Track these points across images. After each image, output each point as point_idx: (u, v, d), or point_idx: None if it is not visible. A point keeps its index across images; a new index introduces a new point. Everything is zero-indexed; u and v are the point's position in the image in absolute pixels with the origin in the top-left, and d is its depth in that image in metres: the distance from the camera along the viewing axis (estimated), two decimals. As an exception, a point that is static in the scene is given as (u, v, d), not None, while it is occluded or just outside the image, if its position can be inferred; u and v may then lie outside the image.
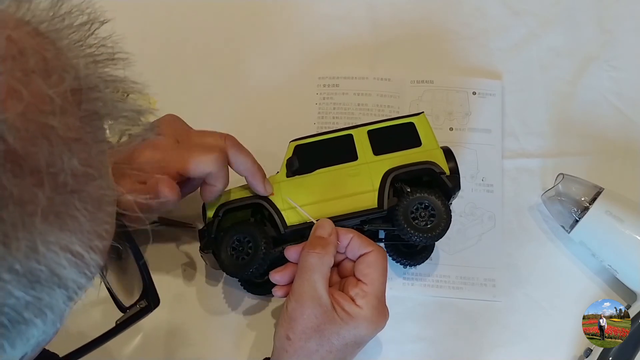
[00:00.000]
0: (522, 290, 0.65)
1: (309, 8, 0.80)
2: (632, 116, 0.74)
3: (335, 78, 0.76)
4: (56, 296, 0.26)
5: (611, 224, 0.61)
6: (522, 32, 0.78)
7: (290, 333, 0.51)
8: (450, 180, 0.60)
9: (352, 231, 0.54)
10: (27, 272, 0.24)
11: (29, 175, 0.24)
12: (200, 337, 0.63)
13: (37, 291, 0.25)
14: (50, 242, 0.25)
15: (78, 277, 0.26)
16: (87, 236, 0.26)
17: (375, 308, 0.50)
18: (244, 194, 0.60)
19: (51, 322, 0.27)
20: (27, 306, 0.25)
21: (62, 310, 0.27)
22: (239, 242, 0.58)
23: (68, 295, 0.26)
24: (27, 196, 0.24)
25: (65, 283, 0.26)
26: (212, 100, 0.75)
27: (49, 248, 0.25)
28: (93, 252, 0.27)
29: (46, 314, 0.26)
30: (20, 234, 0.23)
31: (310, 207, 0.58)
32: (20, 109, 0.24)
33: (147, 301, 0.40)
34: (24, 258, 0.24)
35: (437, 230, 0.58)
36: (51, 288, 0.25)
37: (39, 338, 0.27)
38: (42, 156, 0.24)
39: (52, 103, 0.25)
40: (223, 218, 0.59)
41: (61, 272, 0.25)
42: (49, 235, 0.24)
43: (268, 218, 0.59)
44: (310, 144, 0.61)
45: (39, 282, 0.25)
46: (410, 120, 0.62)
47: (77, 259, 0.26)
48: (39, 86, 0.25)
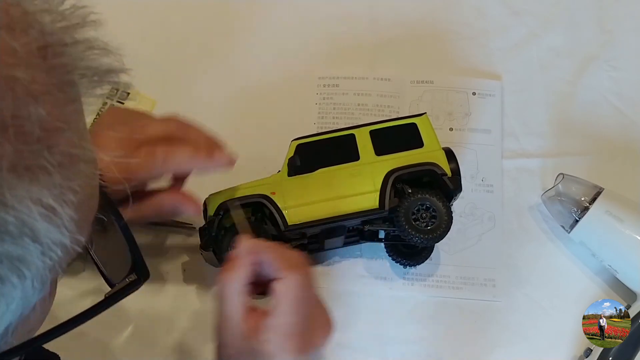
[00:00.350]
0: (522, 290, 0.65)
1: (309, 8, 0.80)
2: (632, 116, 0.74)
3: (335, 78, 0.76)
4: (30, 250, 0.25)
5: (611, 224, 0.61)
6: (522, 32, 0.79)
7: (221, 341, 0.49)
8: (451, 182, 0.60)
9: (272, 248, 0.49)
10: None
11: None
12: (201, 337, 0.63)
13: (7, 243, 0.24)
14: (20, 194, 0.24)
15: (51, 230, 0.26)
16: (59, 190, 0.26)
17: (281, 345, 0.45)
18: (245, 193, 0.60)
19: (30, 284, 0.26)
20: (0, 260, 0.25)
21: (40, 270, 0.26)
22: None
23: (42, 250, 0.26)
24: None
25: (38, 236, 0.25)
26: (212, 100, 0.74)
27: (19, 200, 0.24)
28: (66, 205, 0.26)
29: (22, 271, 0.26)
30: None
31: (311, 206, 0.58)
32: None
33: (136, 274, 0.39)
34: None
35: (438, 232, 0.58)
36: (23, 240, 0.25)
37: (20, 302, 0.27)
38: (7, 106, 0.24)
39: (16, 55, 0.25)
40: (223, 217, 0.59)
41: (33, 225, 0.25)
42: (17, 187, 0.24)
43: (269, 217, 0.59)
44: (312, 143, 0.61)
45: (8, 234, 0.24)
46: (412, 121, 0.62)
47: (49, 212, 0.25)
48: (2, 39, 0.25)
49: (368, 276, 0.65)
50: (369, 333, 0.63)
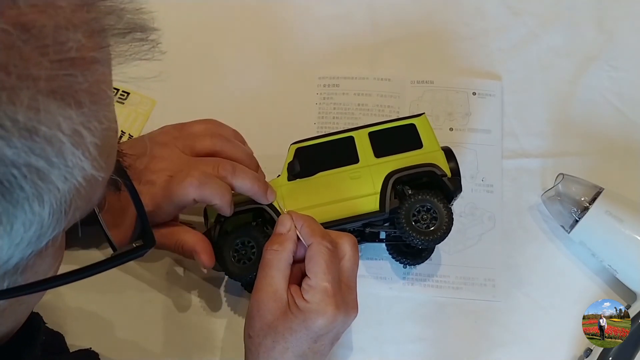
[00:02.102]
0: (522, 290, 0.65)
1: (309, 8, 0.80)
2: (632, 116, 0.74)
3: (335, 78, 0.76)
4: (54, 169, 0.26)
5: (611, 224, 0.61)
6: (522, 32, 0.79)
7: (250, 331, 0.51)
8: (451, 183, 0.60)
9: (305, 219, 0.53)
10: (29, 127, 0.25)
11: (36, 40, 0.25)
12: (202, 340, 0.63)
13: (35, 154, 0.26)
14: (51, 111, 0.26)
15: (77, 154, 0.27)
16: (87, 118, 0.27)
17: (322, 300, 0.49)
18: (246, 198, 0.59)
19: (48, 209, 0.27)
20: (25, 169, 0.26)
21: (60, 197, 0.27)
22: (242, 246, 0.58)
23: (66, 174, 0.27)
24: (33, 61, 0.25)
25: (64, 155, 0.26)
26: (212, 100, 0.75)
27: (50, 115, 0.26)
28: (91, 132, 0.27)
29: (43, 191, 0.27)
30: (24, 89, 0.25)
31: (312, 210, 0.58)
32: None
33: (143, 240, 0.39)
34: (25, 114, 0.25)
35: (438, 233, 0.58)
36: (49, 155, 0.26)
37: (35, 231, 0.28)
38: (49, 27, 0.26)
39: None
40: (225, 222, 0.59)
41: (60, 143, 0.26)
42: (50, 104, 0.26)
43: (269, 222, 0.59)
44: (311, 147, 0.61)
45: (38, 143, 0.26)
46: (411, 122, 0.62)
47: (76, 136, 0.27)
48: None
49: (368, 276, 0.65)
50: (369, 333, 0.63)
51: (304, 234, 0.52)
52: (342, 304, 0.51)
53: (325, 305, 0.50)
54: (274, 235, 0.53)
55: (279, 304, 0.51)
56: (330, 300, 0.50)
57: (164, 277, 0.65)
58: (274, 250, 0.52)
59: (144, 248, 0.39)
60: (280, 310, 0.50)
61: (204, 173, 0.57)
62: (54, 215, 0.28)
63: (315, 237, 0.52)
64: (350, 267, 0.53)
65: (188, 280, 0.65)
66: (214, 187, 0.56)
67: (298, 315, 0.50)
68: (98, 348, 0.56)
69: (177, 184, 0.56)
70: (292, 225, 0.53)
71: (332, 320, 0.50)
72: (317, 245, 0.51)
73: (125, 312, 0.63)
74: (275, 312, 0.50)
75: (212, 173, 0.57)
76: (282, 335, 0.50)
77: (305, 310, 0.50)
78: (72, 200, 0.28)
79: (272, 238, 0.53)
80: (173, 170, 0.58)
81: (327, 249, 0.51)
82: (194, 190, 0.56)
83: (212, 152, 0.61)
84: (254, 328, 0.51)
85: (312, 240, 0.51)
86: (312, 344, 0.51)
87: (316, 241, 0.51)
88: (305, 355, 0.51)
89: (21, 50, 0.25)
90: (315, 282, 0.50)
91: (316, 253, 0.51)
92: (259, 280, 0.52)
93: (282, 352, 0.50)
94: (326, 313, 0.49)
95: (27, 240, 0.28)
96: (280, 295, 0.51)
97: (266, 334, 0.50)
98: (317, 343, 0.51)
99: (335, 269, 0.51)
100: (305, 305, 0.50)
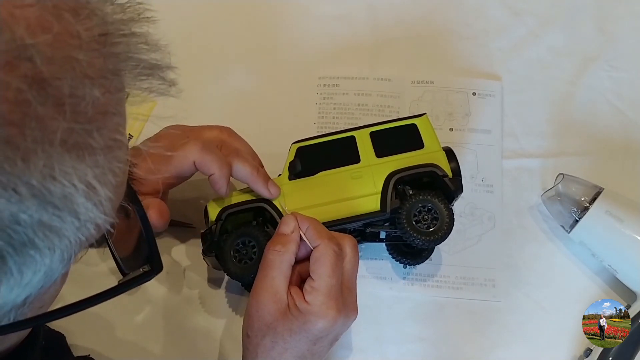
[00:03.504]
0: (522, 290, 0.65)
1: (309, 8, 0.80)
2: (632, 116, 0.74)
3: (335, 78, 0.76)
4: (67, 224, 0.27)
5: (611, 224, 0.61)
6: (522, 32, 0.79)
7: (249, 330, 0.51)
8: (452, 183, 0.60)
9: (311, 221, 0.53)
10: (43, 190, 0.25)
11: (52, 99, 0.25)
12: (202, 340, 0.63)
13: (49, 213, 0.26)
14: (67, 168, 0.26)
15: (89, 208, 0.27)
16: (101, 170, 0.27)
17: (324, 303, 0.49)
18: (246, 197, 0.59)
19: (58, 257, 0.27)
20: (38, 228, 0.26)
21: (70, 244, 0.27)
22: (242, 245, 0.58)
23: (78, 226, 0.27)
24: (49, 118, 0.25)
25: (77, 210, 0.27)
26: (212, 100, 0.74)
27: (65, 174, 0.26)
28: (106, 186, 0.28)
29: (54, 243, 0.27)
30: (40, 152, 0.25)
31: (312, 210, 0.58)
32: (49, 39, 0.25)
33: (150, 266, 0.40)
34: (40, 176, 0.25)
35: (439, 234, 0.58)
36: (63, 213, 0.26)
37: (45, 275, 0.28)
38: (66, 83, 0.26)
39: (79, 38, 0.27)
40: (225, 221, 0.59)
41: (74, 199, 0.26)
42: (65, 162, 0.26)
43: (270, 221, 0.59)
44: (313, 146, 0.61)
45: (52, 203, 0.26)
46: (412, 122, 0.62)
47: (90, 189, 0.27)
48: (68, 22, 0.26)
49: (368, 276, 0.65)
50: (369, 333, 0.63)
51: (309, 236, 0.52)
52: (343, 307, 0.51)
53: (326, 309, 0.50)
54: (276, 236, 0.53)
55: (279, 305, 0.50)
56: (332, 304, 0.50)
57: (164, 277, 0.65)
58: (276, 251, 0.52)
59: (151, 273, 0.40)
60: (280, 311, 0.50)
61: (208, 141, 0.57)
62: (63, 260, 0.28)
63: (322, 239, 0.51)
64: (350, 269, 0.53)
65: (188, 281, 0.65)
66: (215, 155, 0.56)
67: (298, 317, 0.50)
68: (98, 348, 0.56)
69: (179, 146, 0.57)
70: (296, 226, 0.53)
71: (332, 324, 0.50)
72: (325, 247, 0.51)
73: (125, 311, 0.63)
74: (274, 314, 0.50)
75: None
76: (282, 337, 0.50)
77: (306, 313, 0.50)
78: (82, 244, 0.29)
79: (275, 238, 0.53)
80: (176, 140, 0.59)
81: (334, 251, 0.51)
82: (196, 152, 0.56)
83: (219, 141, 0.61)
84: (253, 328, 0.51)
85: (320, 242, 0.51)
86: (312, 346, 0.51)
87: (324, 243, 0.51)
88: (304, 356, 0.51)
89: (37, 110, 0.25)
90: (319, 284, 0.50)
91: (323, 255, 0.51)
92: (260, 280, 0.52)
93: (281, 353, 0.50)
94: (327, 316, 0.50)
95: (36, 282, 0.28)
96: (281, 296, 0.51)
97: (265, 334, 0.50)
98: (316, 345, 0.51)
99: (340, 271, 0.51)
100: (307, 307, 0.50)
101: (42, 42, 0.25)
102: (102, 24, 0.28)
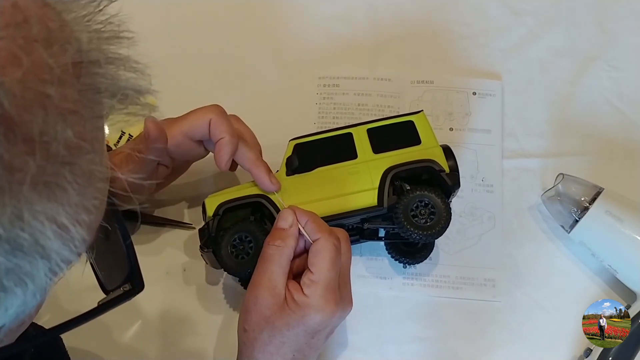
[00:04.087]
0: (522, 290, 0.65)
1: (308, 8, 0.80)
2: (632, 116, 0.74)
3: (335, 78, 0.76)
4: (38, 266, 0.26)
5: (611, 224, 0.61)
6: (522, 32, 0.79)
7: (246, 325, 0.51)
8: (449, 178, 0.60)
9: (309, 215, 0.53)
10: (11, 238, 0.24)
11: (21, 141, 0.24)
12: (200, 337, 0.63)
13: (18, 259, 0.25)
14: (37, 211, 0.25)
15: (62, 249, 0.26)
16: (74, 209, 0.26)
17: (322, 296, 0.50)
18: (244, 193, 0.60)
19: (31, 294, 0.27)
20: (7, 273, 0.25)
21: (44, 283, 0.27)
22: (239, 241, 0.58)
23: (50, 267, 0.26)
24: (18, 163, 0.24)
25: (49, 254, 0.26)
26: (212, 100, 0.74)
27: (35, 217, 0.24)
28: (79, 225, 0.27)
29: (26, 284, 0.26)
30: (7, 199, 0.23)
31: (310, 205, 0.58)
32: (18, 75, 0.24)
33: (131, 285, 0.39)
34: (8, 224, 0.24)
35: (436, 228, 0.58)
36: (34, 257, 0.25)
37: (18, 309, 0.27)
38: (37, 124, 0.24)
39: (52, 72, 0.25)
40: (223, 217, 0.59)
41: (45, 243, 0.25)
42: (36, 204, 0.24)
43: (268, 217, 0.59)
44: (310, 143, 0.61)
45: (21, 250, 0.25)
46: (409, 119, 0.62)
47: (63, 230, 0.26)
48: (39, 55, 0.25)
49: (368, 276, 0.65)
50: (369, 333, 0.63)
51: (309, 230, 0.52)
52: (340, 300, 0.51)
53: (325, 302, 0.50)
54: (275, 230, 0.53)
55: (277, 299, 0.50)
56: (331, 297, 0.50)
57: (164, 277, 0.65)
58: (275, 246, 0.52)
59: (132, 293, 0.39)
60: (277, 305, 0.50)
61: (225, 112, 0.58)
62: (36, 295, 0.27)
63: (322, 232, 0.51)
64: (346, 262, 0.53)
65: (186, 279, 0.65)
66: (230, 122, 0.57)
67: (296, 310, 0.50)
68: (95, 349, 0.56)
69: (197, 109, 0.57)
70: (295, 221, 0.53)
71: (330, 317, 0.50)
72: (325, 241, 0.51)
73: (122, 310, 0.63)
74: (272, 307, 0.50)
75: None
76: (279, 330, 0.50)
77: (304, 306, 0.50)
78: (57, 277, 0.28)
79: (274, 233, 0.53)
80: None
81: (334, 245, 0.51)
82: (214, 112, 0.56)
83: None
84: (250, 322, 0.51)
85: (320, 236, 0.51)
86: (309, 339, 0.51)
87: (324, 237, 0.51)
88: (301, 350, 0.51)
89: (3, 157, 0.23)
90: (319, 277, 0.50)
91: (324, 248, 0.51)
92: (258, 274, 0.52)
93: (279, 347, 0.50)
94: (326, 309, 0.50)
95: (10, 314, 0.27)
96: (279, 290, 0.51)
97: (263, 328, 0.50)
98: (313, 338, 0.51)
99: (338, 265, 0.51)
100: (305, 300, 0.50)
101: (11, 80, 0.24)
102: (77, 53, 0.26)
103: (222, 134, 0.56)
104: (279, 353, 0.50)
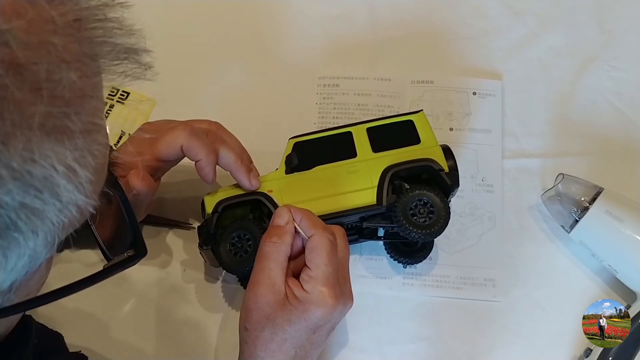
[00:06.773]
0: (522, 290, 0.65)
1: (309, 8, 0.80)
2: (632, 116, 0.74)
3: (335, 78, 0.76)
4: (49, 206, 0.27)
5: (611, 224, 0.61)
6: (522, 32, 0.79)
7: (247, 323, 0.51)
8: (449, 177, 0.60)
9: (304, 212, 0.54)
10: (23, 172, 0.25)
11: (29, 83, 0.25)
12: (200, 336, 0.63)
13: (30, 195, 0.26)
14: (46, 151, 0.26)
15: (70, 189, 0.27)
16: (80, 152, 0.28)
17: (322, 291, 0.50)
18: (243, 191, 0.60)
19: (42, 240, 0.28)
20: (20, 210, 0.26)
21: (53, 227, 0.28)
22: (238, 239, 0.58)
23: (60, 208, 0.27)
24: (27, 102, 0.25)
25: (58, 192, 0.27)
26: (212, 100, 0.75)
27: (45, 157, 0.26)
28: (86, 168, 0.28)
29: (37, 225, 0.27)
30: (19, 135, 0.25)
31: (309, 203, 0.58)
32: (24, 24, 0.26)
33: (134, 250, 0.40)
34: (20, 159, 0.25)
35: (435, 227, 0.58)
36: (44, 195, 0.26)
37: (29, 259, 0.28)
38: (42, 67, 0.26)
39: (54, 23, 0.27)
40: (222, 215, 0.59)
41: (55, 181, 0.27)
42: (45, 145, 0.26)
43: (266, 215, 0.60)
44: (310, 141, 0.61)
45: (33, 185, 0.26)
46: (409, 118, 0.62)
47: (70, 171, 0.27)
48: (42, 7, 0.27)
49: (368, 276, 0.65)
50: (369, 333, 0.63)
51: (303, 226, 0.52)
52: (341, 294, 0.51)
53: (325, 296, 0.50)
54: (271, 228, 0.53)
55: (277, 296, 0.50)
56: (331, 292, 0.50)
57: (163, 275, 0.65)
58: (272, 243, 0.52)
59: (135, 258, 0.40)
60: (278, 302, 0.50)
61: (196, 129, 0.58)
62: (47, 244, 0.28)
63: (317, 228, 0.52)
64: (343, 258, 0.53)
65: (185, 277, 0.65)
66: (202, 142, 0.57)
67: (297, 306, 0.50)
68: (93, 346, 0.56)
69: (167, 130, 0.57)
70: (290, 218, 0.53)
71: (331, 311, 0.50)
72: (320, 236, 0.51)
73: (121, 309, 0.63)
74: (273, 304, 0.50)
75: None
76: (281, 327, 0.50)
77: (304, 302, 0.50)
78: (65, 227, 0.29)
79: (270, 230, 0.53)
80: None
81: (329, 240, 0.51)
82: (184, 137, 0.57)
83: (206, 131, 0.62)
84: (251, 320, 0.51)
85: (314, 232, 0.52)
86: (311, 335, 0.51)
87: (318, 233, 0.51)
88: (303, 346, 0.51)
89: (14, 94, 0.25)
90: (317, 272, 0.50)
91: (319, 244, 0.51)
92: (257, 272, 0.52)
93: (280, 344, 0.50)
94: (326, 304, 0.50)
95: (21, 267, 0.28)
96: (279, 287, 0.51)
97: (264, 326, 0.50)
98: (315, 334, 0.51)
99: (335, 260, 0.52)
100: (305, 295, 0.50)
101: (17, 27, 0.25)
102: (76, 9, 0.28)
103: (197, 156, 0.57)
104: (281, 350, 0.50)
